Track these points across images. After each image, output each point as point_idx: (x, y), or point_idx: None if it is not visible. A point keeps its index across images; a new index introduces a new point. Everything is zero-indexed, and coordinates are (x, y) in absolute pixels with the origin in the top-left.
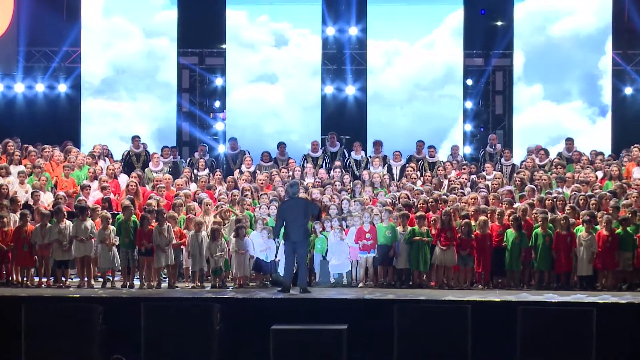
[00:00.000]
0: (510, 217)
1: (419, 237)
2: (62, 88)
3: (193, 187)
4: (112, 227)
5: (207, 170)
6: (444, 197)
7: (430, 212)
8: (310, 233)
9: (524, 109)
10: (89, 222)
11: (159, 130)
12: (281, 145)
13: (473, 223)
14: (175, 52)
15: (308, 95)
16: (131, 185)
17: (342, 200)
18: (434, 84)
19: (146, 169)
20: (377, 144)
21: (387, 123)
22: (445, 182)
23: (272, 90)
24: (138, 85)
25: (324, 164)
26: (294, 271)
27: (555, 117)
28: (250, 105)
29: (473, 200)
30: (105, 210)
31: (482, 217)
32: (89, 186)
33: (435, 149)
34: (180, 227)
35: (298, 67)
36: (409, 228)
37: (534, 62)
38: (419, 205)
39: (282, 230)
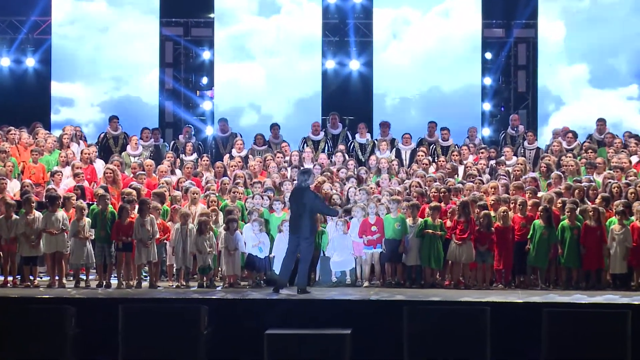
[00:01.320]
0: (540, 208)
1: (431, 231)
2: (30, 62)
3: (177, 174)
4: (86, 219)
5: (193, 155)
6: (460, 185)
7: (444, 202)
8: (316, 226)
9: (566, 99)
10: (60, 214)
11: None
12: (274, 127)
13: (493, 214)
14: (157, 23)
15: (304, 72)
16: (108, 172)
17: (349, 188)
18: (448, 57)
19: (123, 153)
20: (384, 126)
21: (396, 101)
22: (461, 168)
23: (263, 67)
24: None
25: (326, 147)
26: (292, 268)
27: (603, 105)
28: (242, 82)
29: (492, 188)
30: (79, 200)
31: (503, 208)
32: (61, 173)
33: (449, 131)
34: (164, 219)
35: (291, 40)
36: (420, 220)
37: (577, 34)
38: (431, 195)
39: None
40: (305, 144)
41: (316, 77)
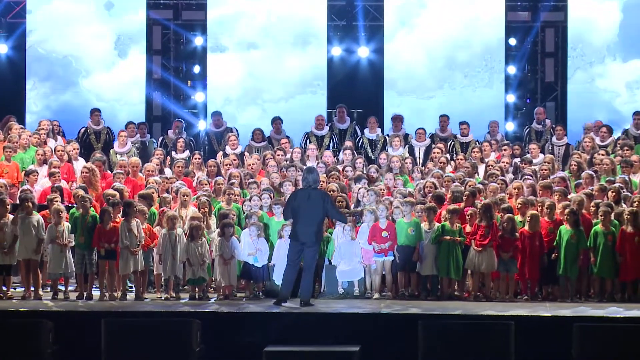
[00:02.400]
0: (566, 211)
1: (449, 237)
2: (3, 49)
3: (167, 173)
4: (65, 224)
5: (184, 153)
6: (481, 185)
7: (464, 205)
8: (324, 235)
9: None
10: (35, 217)
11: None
12: (276, 121)
13: (518, 218)
14: (143, 4)
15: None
16: (84, 172)
17: (358, 189)
18: (467, 43)
19: (111, 150)
20: (397, 120)
21: (409, 93)
22: (482, 167)
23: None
24: None
25: (331, 144)
26: (294, 279)
27: None
28: (239, 71)
29: (517, 190)
30: (57, 203)
31: (531, 211)
32: (36, 172)
33: (469, 126)
34: (151, 223)
35: (293, 26)
36: (437, 225)
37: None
38: (449, 196)
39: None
40: (307, 140)
41: (320, 65)
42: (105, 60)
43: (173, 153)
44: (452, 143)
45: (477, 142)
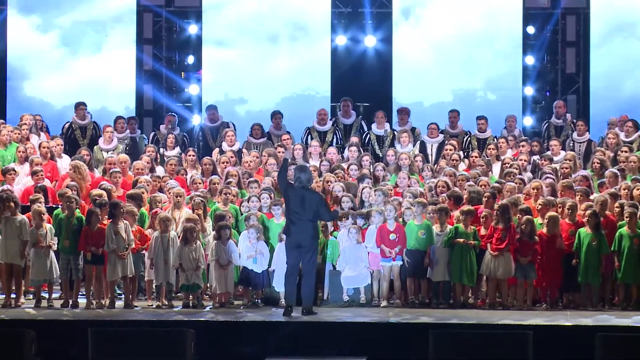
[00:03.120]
0: (586, 213)
1: (463, 240)
2: None
3: (159, 171)
4: (48, 226)
5: (177, 149)
6: (497, 185)
7: (487, 206)
8: (319, 234)
9: None
10: (19, 218)
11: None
12: (276, 116)
13: (537, 221)
14: None
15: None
16: (72, 171)
17: (363, 189)
18: (483, 31)
19: (95, 147)
20: (403, 112)
21: (420, 85)
22: (498, 165)
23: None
24: None
25: (335, 140)
26: (296, 286)
27: None
28: (236, 62)
29: (536, 190)
30: (39, 203)
31: (551, 213)
32: (14, 170)
33: (487, 121)
34: (142, 225)
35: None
36: (449, 227)
37: None
38: (463, 196)
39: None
40: (309, 136)
41: (324, 55)
42: (92, 48)
43: (164, 150)
44: (469, 139)
45: (495, 139)
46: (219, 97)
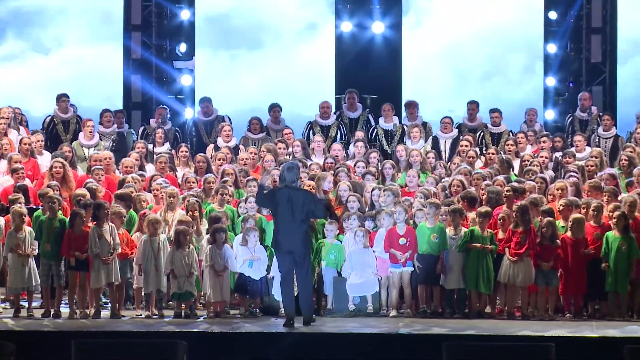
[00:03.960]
0: (614, 214)
1: (479, 244)
2: None
3: (148, 169)
4: (27, 229)
5: (167, 145)
6: (516, 184)
7: (508, 206)
8: (312, 239)
9: None
10: None
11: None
12: (274, 109)
13: (560, 223)
14: None
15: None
16: (56, 167)
17: (373, 190)
18: (501, 17)
19: (74, 143)
20: (411, 107)
21: (431, 76)
22: (517, 162)
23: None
24: None
25: (339, 135)
26: (296, 294)
27: None
28: (231, 50)
29: (560, 190)
30: (19, 204)
31: (576, 215)
32: None
33: (501, 114)
34: (129, 228)
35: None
36: (464, 230)
37: None
38: (478, 197)
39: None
40: (311, 131)
41: (328, 43)
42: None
43: (152, 146)
44: (482, 134)
45: (511, 133)
46: (213, 89)
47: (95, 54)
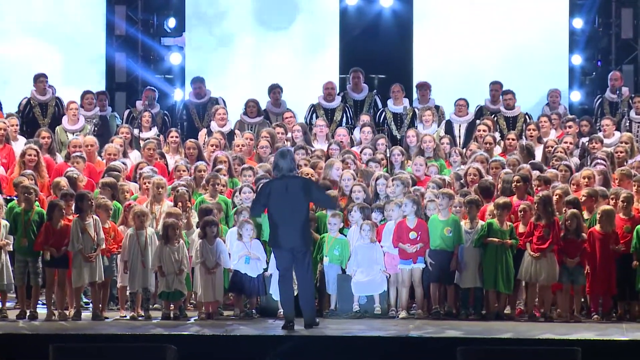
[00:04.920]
0: None
1: (497, 239)
2: None
3: (133, 156)
4: (2, 222)
5: (151, 131)
6: (538, 172)
7: (516, 198)
8: (311, 233)
9: None
10: None
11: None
12: (275, 90)
13: (586, 215)
14: None
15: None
16: (30, 155)
17: (377, 179)
18: None
19: (58, 128)
20: (423, 88)
21: (446, 53)
22: (539, 149)
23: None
24: None
25: (344, 119)
26: (295, 294)
27: None
28: (226, 24)
29: (587, 179)
30: None
31: (605, 206)
32: None
33: (514, 95)
34: (114, 221)
35: None
36: (481, 223)
37: None
38: (499, 187)
39: (267, 226)
40: (314, 114)
41: (332, 18)
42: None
43: (138, 131)
44: (495, 118)
45: (527, 117)
46: (205, 68)
47: (74, 30)
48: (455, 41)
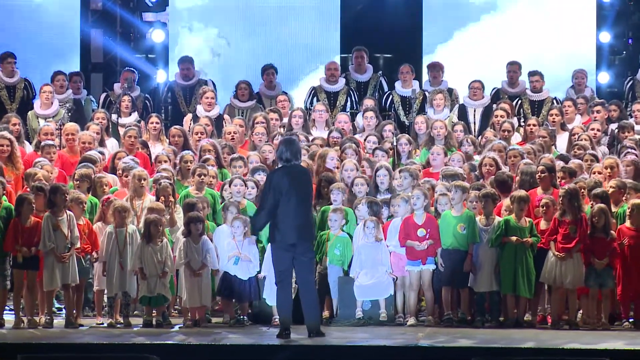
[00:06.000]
0: None
1: (516, 237)
2: None
3: (111, 145)
4: None
5: (131, 117)
6: (562, 163)
7: (540, 190)
8: (317, 230)
9: None
10: None
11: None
12: (268, 71)
13: (615, 210)
14: None
15: None
16: (2, 145)
17: (378, 169)
18: None
19: (29, 113)
20: (435, 69)
21: (460, 31)
22: (563, 136)
23: None
24: None
25: (349, 103)
26: (292, 298)
27: None
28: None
29: (609, 168)
30: None
31: (636, 200)
32: None
33: (543, 77)
34: (90, 218)
35: None
36: (498, 219)
37: None
38: (517, 180)
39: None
40: (315, 98)
41: None
42: None
43: (117, 117)
44: (520, 102)
45: (555, 101)
46: (192, 47)
47: (44, 3)
48: (470, 16)
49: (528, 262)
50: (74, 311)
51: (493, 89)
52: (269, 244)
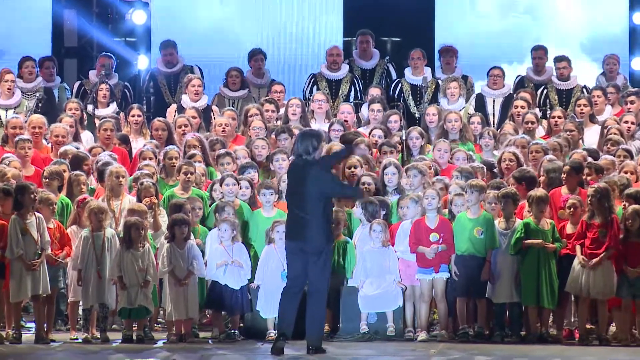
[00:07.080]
0: None
1: (538, 241)
2: None
3: (86, 138)
4: None
5: (109, 108)
6: (591, 160)
7: (565, 190)
8: (336, 232)
9: None
10: None
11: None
12: (256, 57)
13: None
14: None
15: None
16: None
17: (386, 166)
18: None
19: None
20: (448, 54)
21: (476, 12)
22: (592, 129)
23: None
24: None
25: (353, 93)
26: (296, 309)
27: None
28: None
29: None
30: None
31: None
32: None
33: (570, 63)
34: (61, 220)
35: None
36: (519, 222)
37: None
38: (542, 179)
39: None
40: (315, 87)
41: None
42: None
43: (92, 107)
44: (545, 91)
45: (584, 90)
46: (176, 30)
47: None
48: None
49: (551, 270)
50: (45, 325)
51: (517, 77)
52: (269, 246)
